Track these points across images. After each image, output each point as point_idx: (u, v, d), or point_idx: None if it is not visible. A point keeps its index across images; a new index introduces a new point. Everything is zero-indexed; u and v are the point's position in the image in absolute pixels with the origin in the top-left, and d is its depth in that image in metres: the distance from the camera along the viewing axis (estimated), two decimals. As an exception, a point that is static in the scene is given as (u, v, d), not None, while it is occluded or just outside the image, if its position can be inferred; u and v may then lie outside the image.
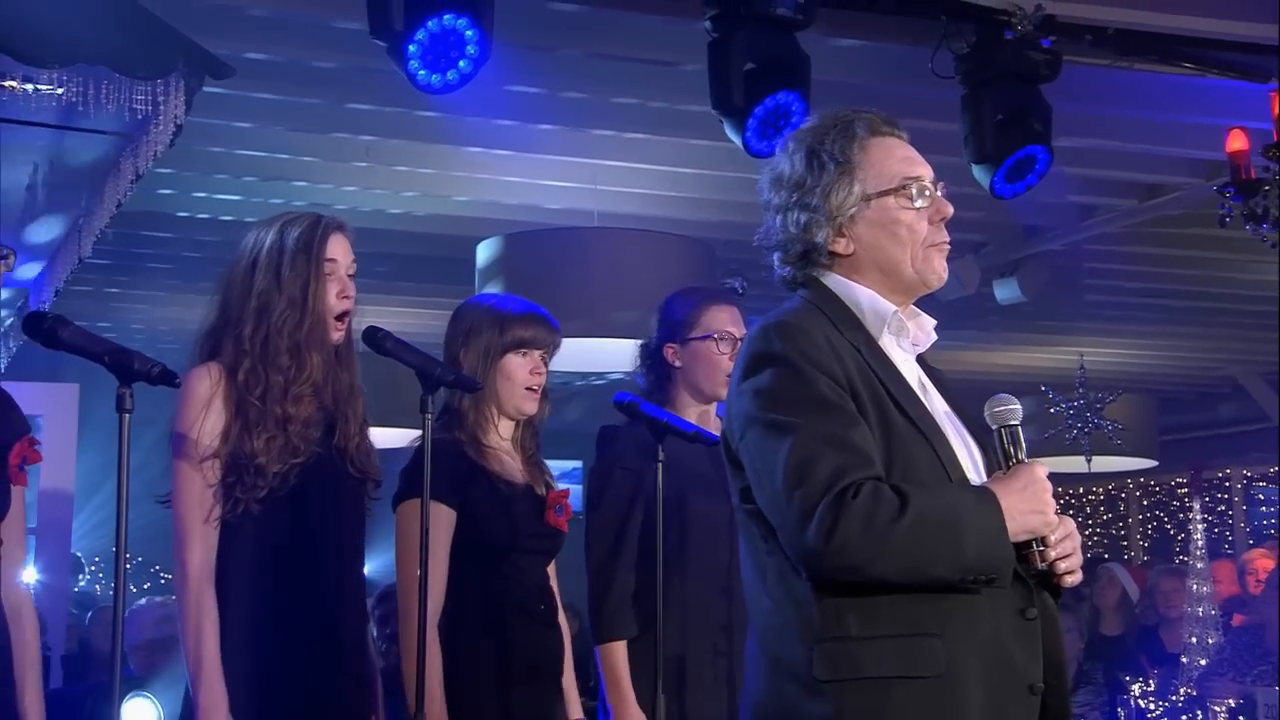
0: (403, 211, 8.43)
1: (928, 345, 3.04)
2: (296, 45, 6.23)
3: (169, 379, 3.37)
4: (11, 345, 8.64)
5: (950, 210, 2.99)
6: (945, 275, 3.02)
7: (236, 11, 5.76)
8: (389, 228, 8.51)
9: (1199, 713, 7.11)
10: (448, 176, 8.00)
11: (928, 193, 2.99)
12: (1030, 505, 2.80)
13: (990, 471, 2.95)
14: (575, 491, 4.64)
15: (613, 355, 7.55)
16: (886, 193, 2.96)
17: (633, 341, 4.85)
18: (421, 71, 4.71)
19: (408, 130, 7.26)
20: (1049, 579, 2.87)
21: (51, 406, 7.34)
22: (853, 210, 2.95)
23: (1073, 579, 2.88)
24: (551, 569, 4.37)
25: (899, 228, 2.96)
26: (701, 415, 4.53)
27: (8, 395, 3.49)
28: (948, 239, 3.01)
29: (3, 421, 3.41)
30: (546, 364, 4.30)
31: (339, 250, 3.87)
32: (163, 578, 9.67)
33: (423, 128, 7.19)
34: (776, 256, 3.06)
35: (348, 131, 7.30)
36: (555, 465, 4.77)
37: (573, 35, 6.18)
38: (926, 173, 3.01)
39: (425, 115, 6.88)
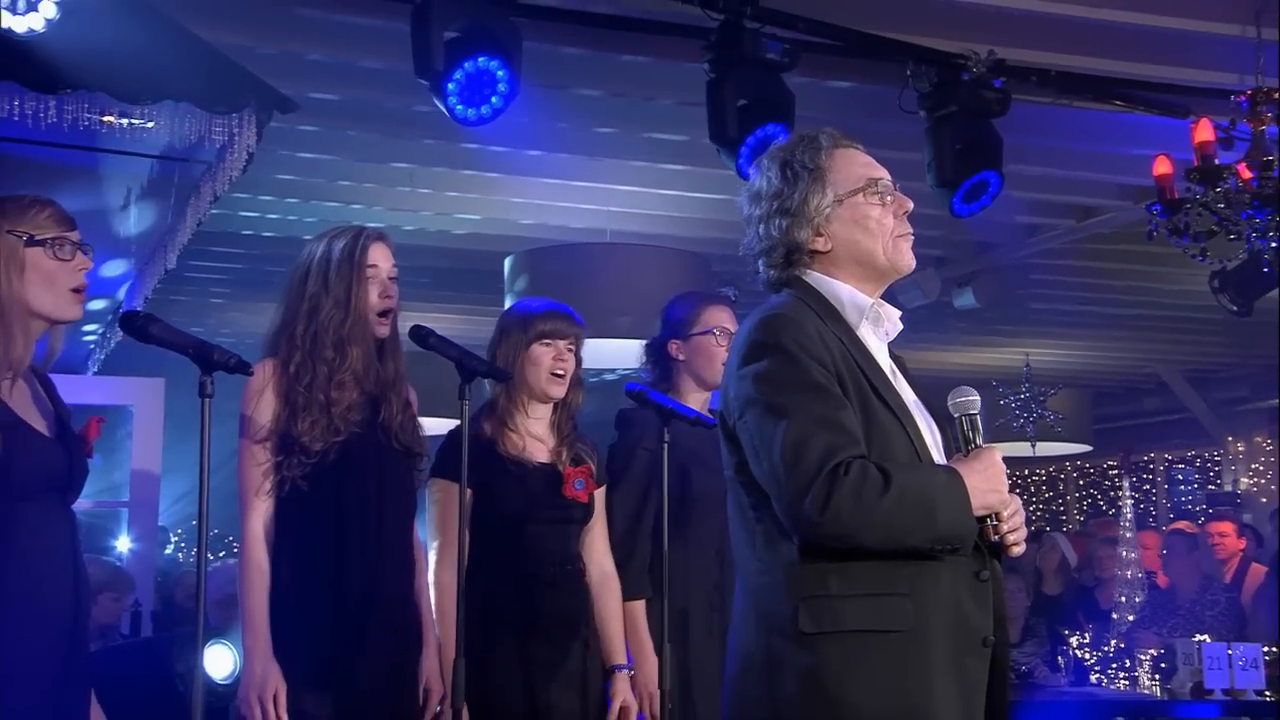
0: (441, 230, 8.40)
1: (896, 334, 3.02)
2: (350, 85, 6.22)
3: (244, 368, 3.39)
4: (110, 344, 8.66)
5: (910, 205, 2.99)
6: (913, 261, 3.02)
7: (297, 56, 5.75)
8: (430, 244, 8.51)
9: (1127, 661, 7.08)
10: (480, 199, 7.98)
11: (889, 190, 2.97)
12: (989, 485, 2.81)
13: (949, 453, 2.94)
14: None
15: (622, 354, 7.52)
16: (855, 192, 2.94)
17: (639, 341, 4.82)
18: (459, 107, 4.69)
19: (446, 159, 7.25)
20: (998, 548, 2.86)
21: (141, 398, 7.36)
22: (827, 211, 2.93)
23: (1019, 549, 2.89)
24: (594, 535, 4.31)
25: (869, 221, 2.94)
26: (703, 402, 4.50)
27: (50, 381, 3.47)
28: (911, 230, 3.00)
29: (63, 405, 3.38)
30: (575, 353, 4.26)
31: (379, 256, 3.86)
32: (234, 546, 9.66)
33: (459, 157, 7.17)
34: (761, 262, 3.02)
35: (394, 160, 7.29)
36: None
37: (589, 76, 6.16)
38: (885, 175, 3.00)
39: (461, 146, 6.88)
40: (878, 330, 2.97)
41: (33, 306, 3.17)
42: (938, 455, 2.93)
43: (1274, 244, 4.93)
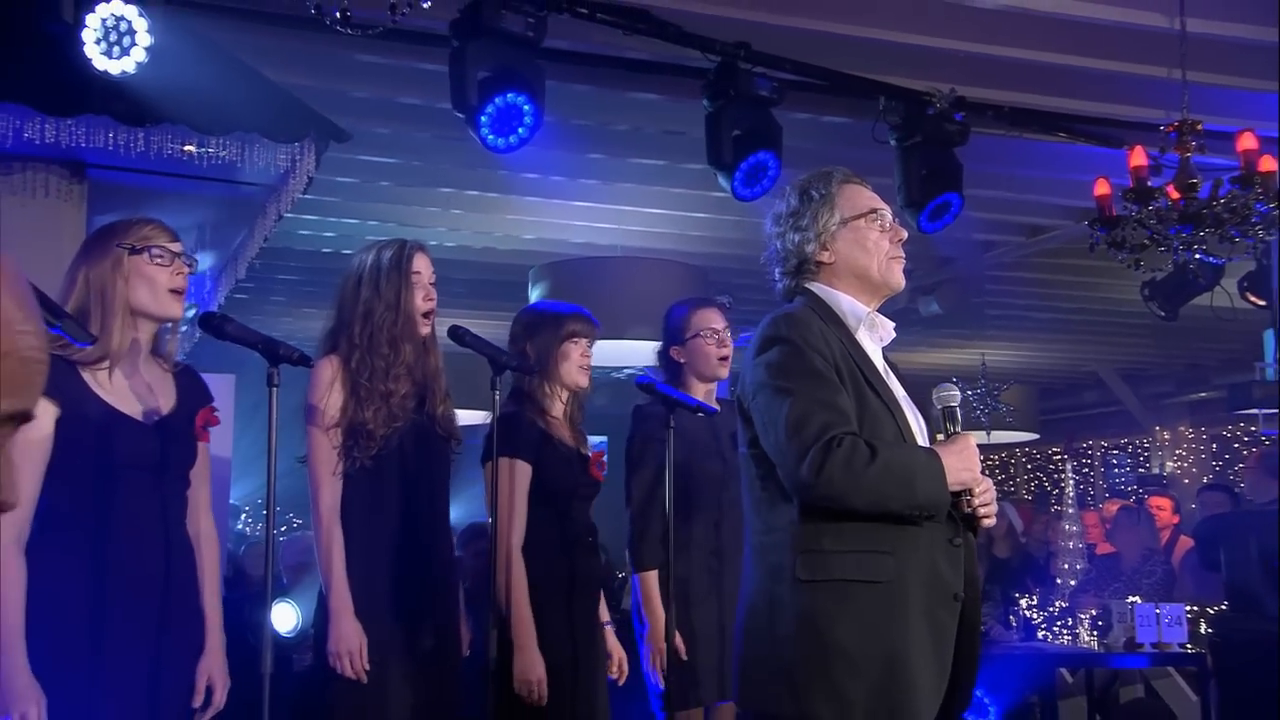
0: (474, 245, 8.40)
1: (890, 339, 3.08)
2: (395, 119, 6.23)
3: (306, 361, 3.47)
4: (188, 346, 8.65)
5: (904, 234, 3.10)
6: (903, 281, 3.10)
7: (350, 94, 5.78)
8: (464, 258, 8.50)
9: (1069, 619, 7.09)
10: (507, 219, 7.97)
11: (887, 220, 3.06)
12: (964, 465, 2.87)
13: (931, 439, 3.00)
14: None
15: (631, 353, 7.53)
16: (858, 217, 3.04)
17: (647, 342, 4.84)
18: (490, 137, 4.68)
19: (478, 184, 7.26)
20: (971, 520, 2.92)
21: (215, 391, 7.35)
22: (834, 229, 3.03)
23: (989, 521, 2.95)
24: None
25: (868, 242, 3.03)
26: (706, 393, 4.51)
27: (196, 373, 3.49)
28: (903, 255, 3.08)
29: (193, 393, 3.40)
30: (591, 351, 4.29)
31: (422, 265, 3.88)
32: (295, 521, 9.65)
33: (490, 181, 7.17)
34: (777, 270, 3.12)
35: (433, 185, 7.29)
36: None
37: (603, 110, 6.17)
38: (887, 209, 3.11)
39: (492, 173, 6.88)
40: (873, 335, 3.04)
41: (135, 305, 3.20)
42: (921, 440, 2.99)
43: (1198, 256, 4.94)
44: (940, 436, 2.97)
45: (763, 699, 2.91)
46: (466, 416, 4.12)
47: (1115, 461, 15.20)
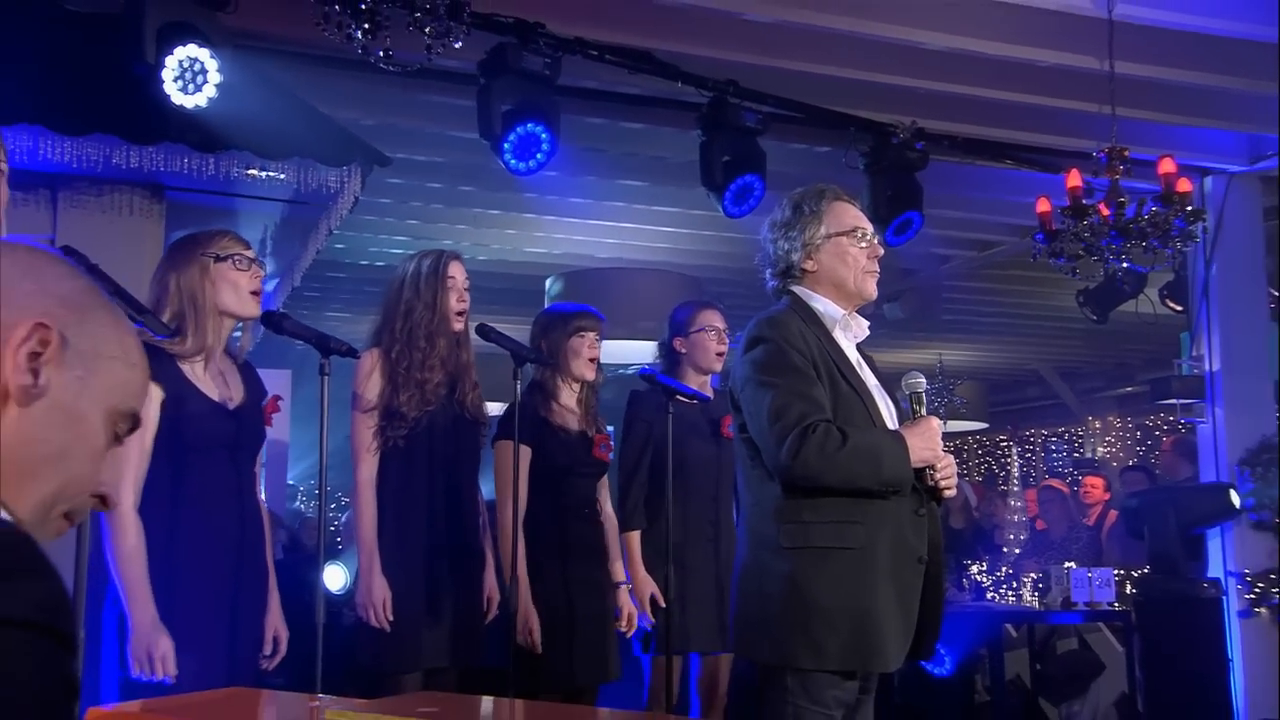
0: (498, 257, 8.38)
1: (864, 336, 3.10)
2: (430, 146, 6.23)
3: (353, 353, 3.51)
4: (250, 345, 8.63)
5: (881, 252, 3.11)
6: (875, 292, 3.10)
7: (391, 125, 5.77)
8: (489, 269, 8.46)
9: (1014, 582, 7.10)
10: (526, 235, 7.96)
11: (868, 238, 3.07)
12: (926, 444, 2.90)
13: (901, 422, 3.01)
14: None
15: (634, 351, 7.55)
16: (841, 233, 3.04)
17: (649, 342, 4.85)
18: (513, 161, 4.68)
19: (502, 204, 7.24)
20: (934, 492, 2.95)
21: (273, 385, 7.37)
22: (818, 242, 3.03)
23: (950, 493, 2.99)
24: (603, 484, 4.37)
25: (847, 257, 3.03)
26: (700, 384, 4.51)
27: (254, 367, 3.52)
28: (877, 270, 3.09)
29: (255, 384, 3.43)
30: (598, 344, 4.29)
31: (456, 271, 3.90)
32: (343, 499, 9.66)
33: (512, 202, 7.16)
34: (768, 272, 3.12)
35: (462, 205, 7.28)
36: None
37: (610, 139, 6.16)
38: (868, 227, 3.11)
39: (514, 194, 6.86)
40: (848, 333, 3.05)
41: (221, 307, 3.24)
42: (890, 424, 3.00)
43: (1125, 265, 4.96)
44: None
45: (754, 649, 2.95)
46: (495, 408, 4.12)
47: (1054, 447, 15.17)
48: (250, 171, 4.84)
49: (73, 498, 1.22)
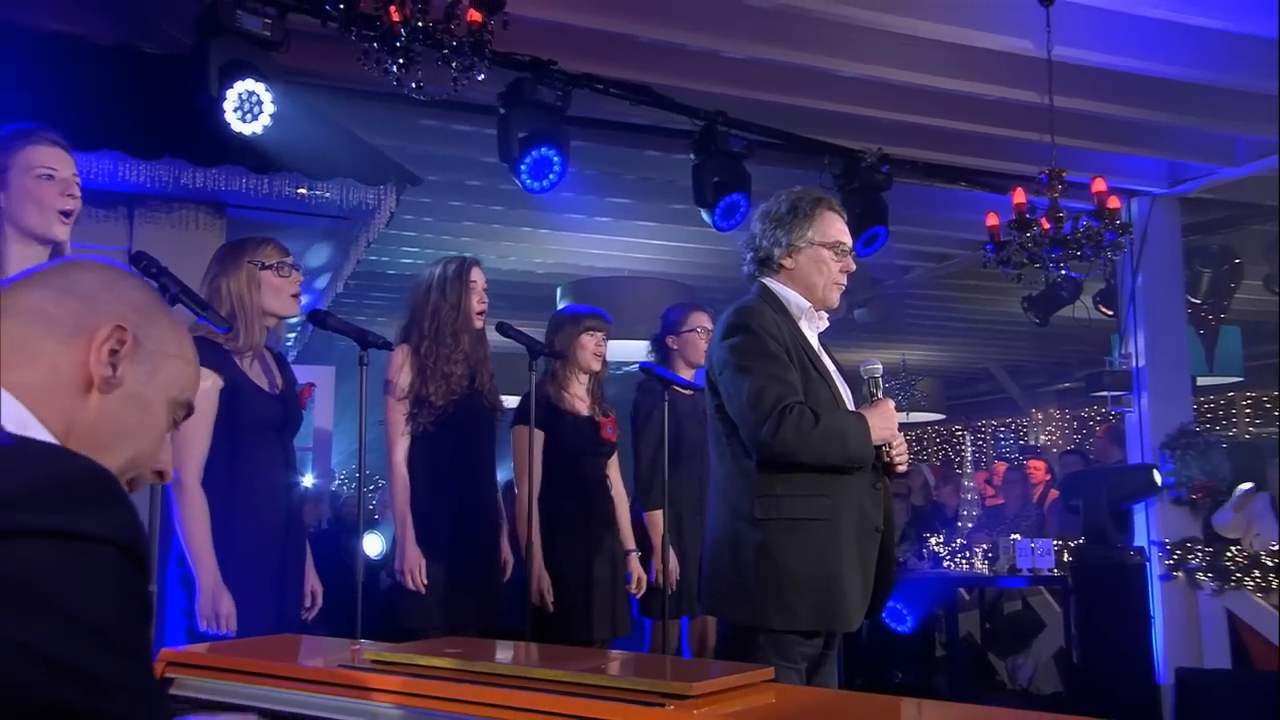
0: (513, 268, 8.40)
1: (824, 328, 3.01)
2: (455, 169, 6.22)
3: (388, 346, 3.52)
4: (300, 344, 8.64)
5: (854, 267, 3.00)
6: (837, 302, 3.01)
7: (422, 150, 5.77)
8: (507, 278, 8.47)
9: (967, 552, 7.11)
10: (539, 247, 7.96)
11: (845, 253, 2.97)
12: (884, 424, 2.84)
13: (858, 404, 2.95)
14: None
15: (634, 351, 7.52)
16: (825, 244, 2.93)
17: (646, 342, 4.84)
18: (528, 181, 4.67)
19: (517, 220, 7.24)
20: (890, 468, 2.90)
21: (320, 379, 7.40)
22: (801, 245, 2.93)
23: (903, 468, 2.91)
24: (614, 463, 4.35)
25: (822, 265, 2.93)
26: (690, 375, 4.50)
27: (285, 358, 3.52)
28: (845, 283, 2.99)
29: (289, 373, 3.43)
30: (605, 343, 4.29)
31: (477, 275, 3.88)
32: (379, 481, 9.64)
33: (527, 218, 7.17)
34: (748, 255, 3.02)
35: (482, 220, 7.26)
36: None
37: (613, 162, 6.17)
38: (849, 242, 3.00)
39: (529, 211, 6.88)
40: (812, 325, 2.96)
41: (266, 309, 3.24)
42: (851, 406, 2.95)
43: (1064, 273, 4.96)
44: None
45: (730, 611, 2.89)
46: (511, 401, 4.10)
47: (1002, 436, 15.18)
48: (300, 190, 4.81)
49: (137, 470, 1.29)
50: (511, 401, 4.07)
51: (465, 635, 3.74)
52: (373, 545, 6.19)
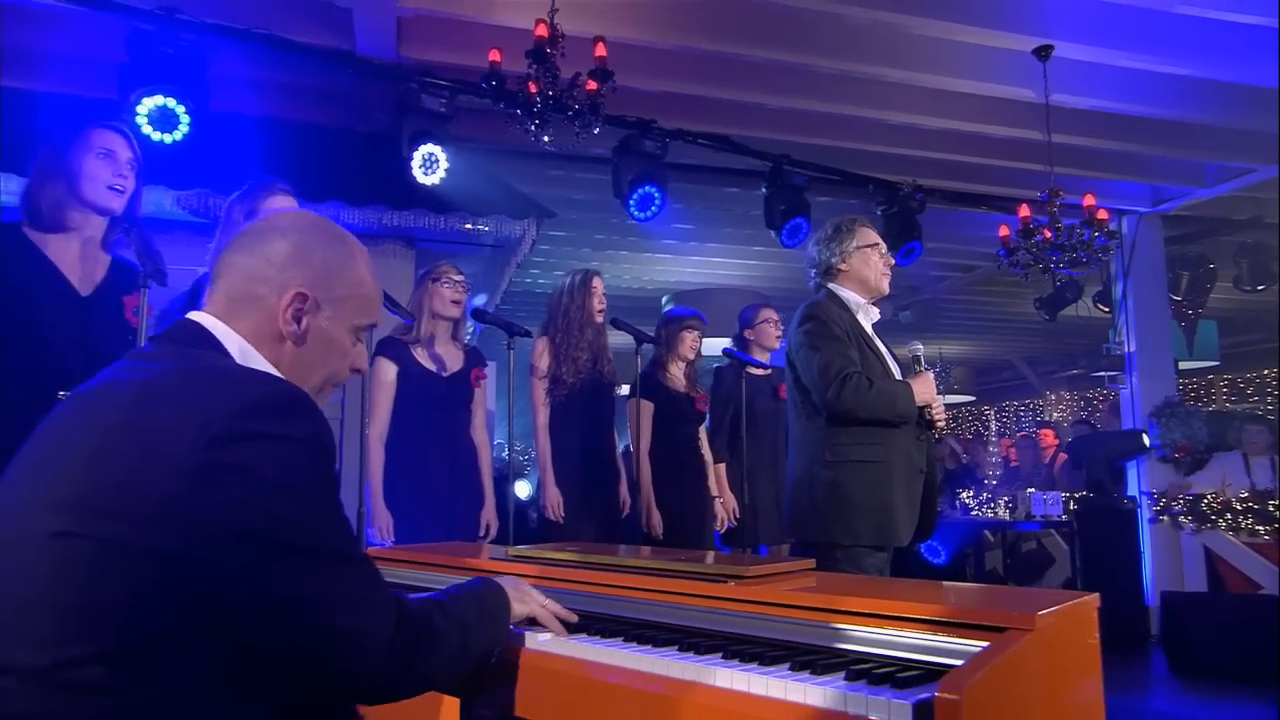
0: (626, 283, 8.41)
1: (876, 318, 3.00)
2: (581, 207, 6.25)
3: (527, 334, 3.46)
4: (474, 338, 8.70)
5: (893, 261, 3.02)
6: (888, 289, 3.00)
7: (556, 193, 5.79)
8: (623, 292, 8.52)
9: (992, 503, 6.93)
10: (646, 266, 7.97)
11: (883, 252, 2.98)
12: (924, 390, 2.82)
13: (904, 376, 2.92)
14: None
15: (720, 347, 7.51)
16: (867, 245, 2.96)
17: (730, 339, 4.81)
18: (636, 212, 4.70)
19: (629, 245, 7.26)
20: (930, 424, 2.86)
21: (488, 371, 7.51)
22: (851, 251, 2.96)
23: (941, 426, 2.87)
24: (703, 429, 4.30)
25: (870, 261, 2.95)
26: (764, 359, 4.46)
27: (479, 350, 3.60)
28: (890, 273, 2.99)
29: (473, 360, 3.51)
30: (699, 339, 4.26)
31: (597, 283, 3.90)
32: (527, 454, 9.76)
33: (637, 244, 7.18)
34: (812, 271, 3.04)
35: (603, 247, 7.30)
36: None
37: (704, 198, 6.16)
38: (884, 244, 3.01)
39: (639, 238, 6.90)
40: (868, 317, 2.96)
41: (435, 311, 3.38)
42: (898, 376, 2.91)
43: (1066, 274, 4.80)
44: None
45: (808, 532, 2.87)
46: (627, 390, 4.12)
47: (1022, 414, 14.71)
48: (466, 225, 4.89)
49: (337, 380, 1.32)
50: (626, 391, 4.09)
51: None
52: (521, 490, 6.29)
